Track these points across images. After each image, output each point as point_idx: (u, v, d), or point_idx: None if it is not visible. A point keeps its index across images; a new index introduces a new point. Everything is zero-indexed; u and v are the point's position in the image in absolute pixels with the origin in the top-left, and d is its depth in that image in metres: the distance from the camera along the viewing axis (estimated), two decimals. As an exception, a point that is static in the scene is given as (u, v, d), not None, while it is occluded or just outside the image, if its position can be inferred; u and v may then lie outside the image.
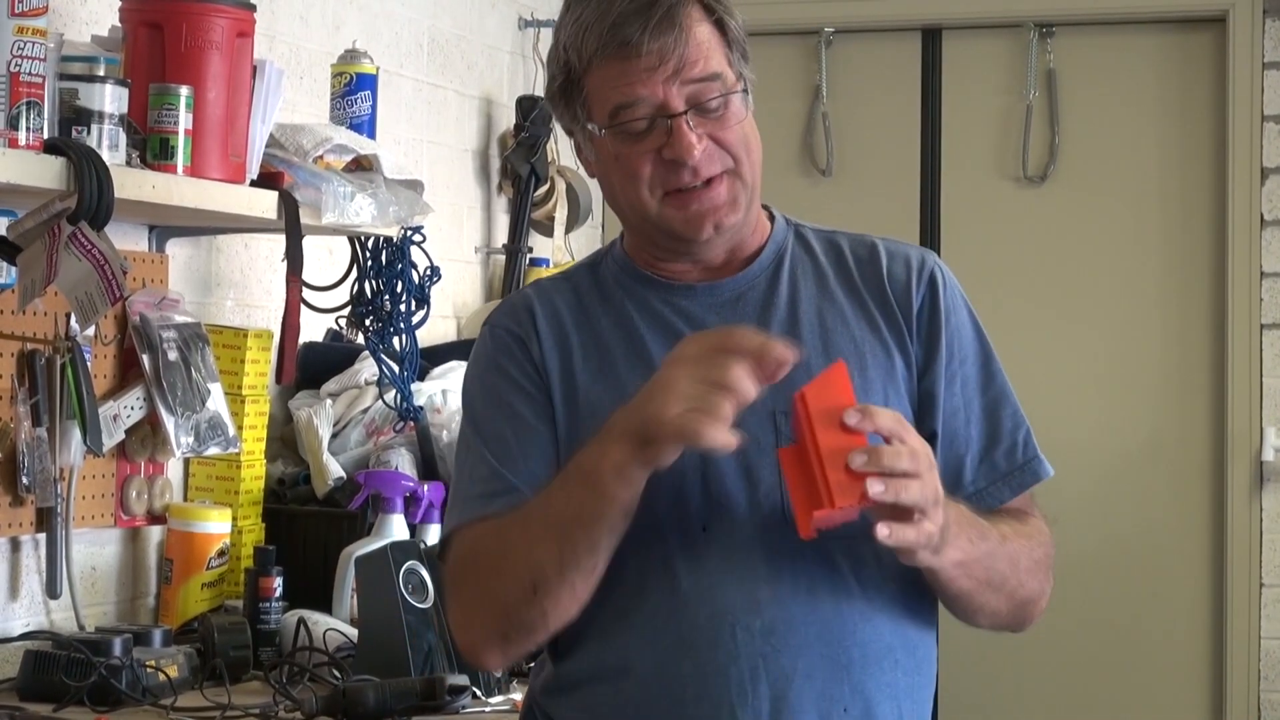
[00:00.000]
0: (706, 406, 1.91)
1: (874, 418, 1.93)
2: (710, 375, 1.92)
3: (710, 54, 2.10)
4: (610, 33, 2.08)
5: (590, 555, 2.03)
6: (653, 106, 2.09)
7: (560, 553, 2.03)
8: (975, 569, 2.08)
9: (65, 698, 2.88)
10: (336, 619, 3.40)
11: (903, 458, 1.92)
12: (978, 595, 2.13)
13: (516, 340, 2.20)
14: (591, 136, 2.14)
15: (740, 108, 2.13)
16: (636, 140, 2.10)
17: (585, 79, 2.12)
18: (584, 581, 2.05)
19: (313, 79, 3.95)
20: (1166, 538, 5.31)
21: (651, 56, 2.07)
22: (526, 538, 2.06)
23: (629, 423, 1.97)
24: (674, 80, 2.08)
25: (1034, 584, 2.18)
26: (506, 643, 2.13)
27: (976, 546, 2.06)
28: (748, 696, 2.07)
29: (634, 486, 1.99)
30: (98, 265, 2.70)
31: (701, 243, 2.15)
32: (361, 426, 3.83)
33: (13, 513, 3.10)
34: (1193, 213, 5.32)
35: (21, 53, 2.61)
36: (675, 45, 2.08)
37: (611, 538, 2.03)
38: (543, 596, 2.05)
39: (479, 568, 2.12)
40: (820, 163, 5.54)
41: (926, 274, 2.21)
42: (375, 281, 3.80)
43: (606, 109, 2.11)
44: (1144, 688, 5.32)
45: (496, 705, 3.02)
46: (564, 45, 2.13)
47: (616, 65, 2.09)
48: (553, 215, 4.88)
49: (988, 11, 5.44)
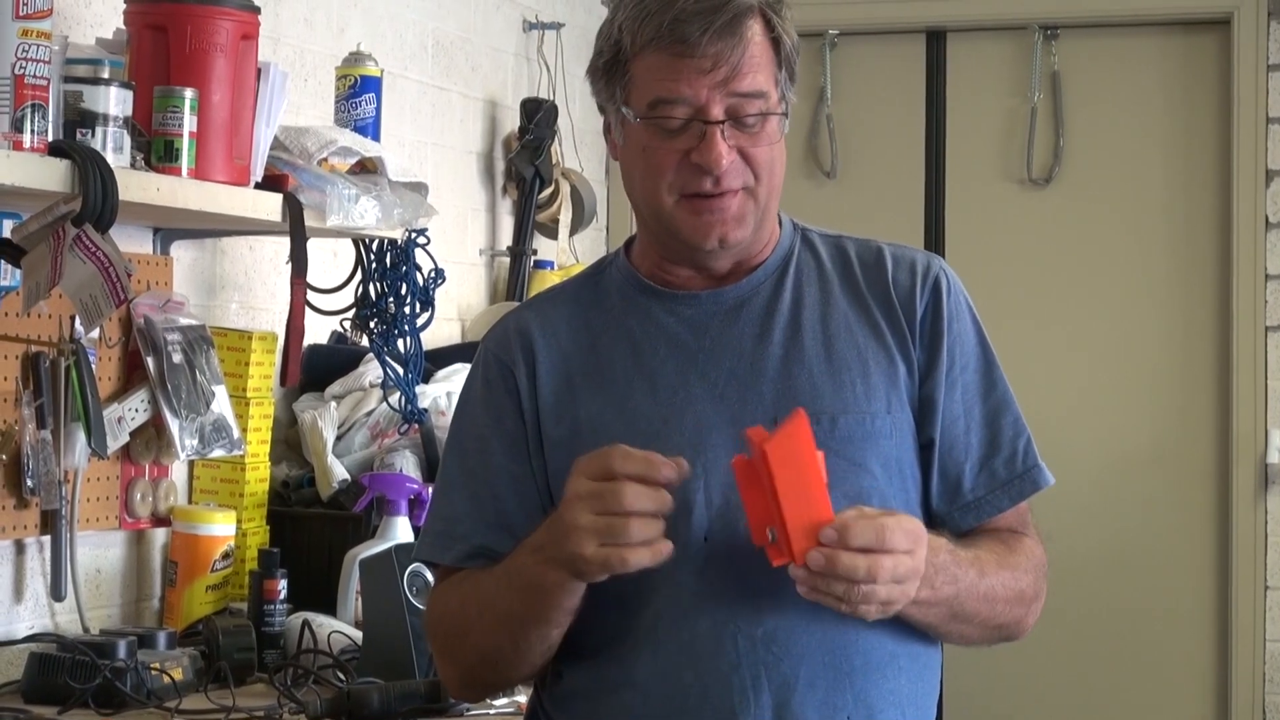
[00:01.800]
0: (617, 538, 1.94)
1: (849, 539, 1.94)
2: (607, 507, 1.95)
3: (760, 69, 2.09)
4: (671, 26, 2.06)
5: (541, 643, 2.11)
6: (693, 108, 2.08)
7: (514, 642, 2.11)
8: (936, 610, 2.08)
9: (70, 700, 2.88)
10: (341, 621, 3.39)
11: (859, 570, 1.93)
12: (942, 627, 2.14)
13: (504, 371, 2.20)
14: (624, 121, 2.14)
15: (775, 129, 2.12)
16: (668, 137, 2.10)
17: (633, 63, 2.10)
18: (542, 656, 2.14)
19: (317, 81, 3.95)
20: (1171, 541, 5.30)
21: (705, 60, 2.06)
22: (480, 623, 2.14)
23: (557, 553, 2.01)
24: (721, 88, 2.07)
25: (1012, 613, 2.17)
26: (477, 688, 2.28)
27: (940, 592, 2.06)
28: (750, 705, 2.07)
29: (577, 594, 2.05)
30: (102, 268, 2.70)
31: (705, 251, 2.14)
32: (366, 429, 3.83)
33: (17, 515, 3.10)
34: (1197, 215, 5.31)
35: (26, 55, 2.60)
36: (731, 53, 2.07)
37: (561, 628, 2.09)
38: (503, 668, 2.16)
39: (445, 631, 2.21)
40: (825, 165, 5.54)
41: (931, 279, 2.21)
42: (379, 284, 3.80)
43: (646, 99, 2.10)
44: (1149, 692, 5.31)
45: (501, 708, 3.02)
46: (619, 24, 2.11)
47: (668, 59, 2.08)
48: (557, 218, 4.88)
49: (992, 14, 5.44)
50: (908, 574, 1.96)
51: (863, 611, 1.96)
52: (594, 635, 2.12)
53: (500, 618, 2.10)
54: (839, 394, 2.13)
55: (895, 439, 2.14)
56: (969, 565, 2.09)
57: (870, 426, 2.13)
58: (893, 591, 1.96)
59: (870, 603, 1.95)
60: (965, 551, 2.10)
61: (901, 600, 1.98)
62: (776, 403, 2.01)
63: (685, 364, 2.15)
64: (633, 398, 2.13)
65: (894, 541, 1.95)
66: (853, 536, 1.93)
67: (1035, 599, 2.19)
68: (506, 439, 2.18)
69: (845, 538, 1.93)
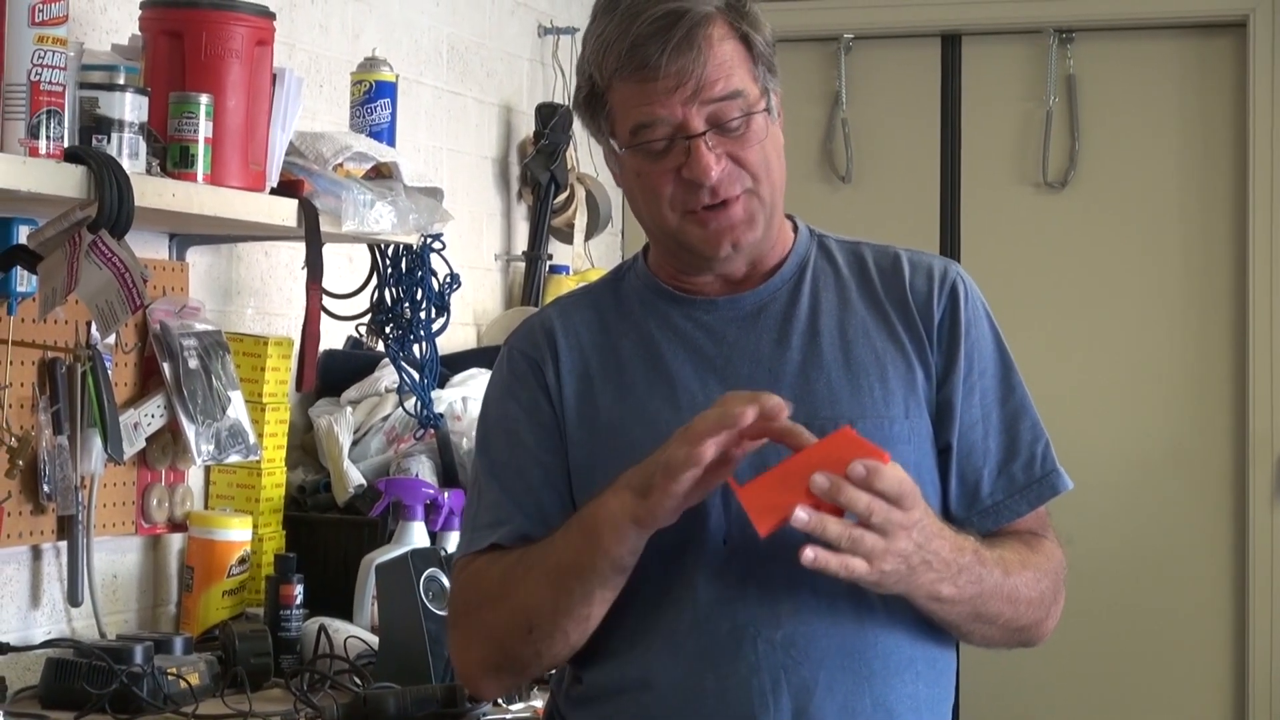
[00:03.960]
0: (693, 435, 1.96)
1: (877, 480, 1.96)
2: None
3: (732, 72, 2.09)
4: (629, 53, 2.07)
5: (584, 605, 2.07)
6: (672, 126, 2.08)
7: (555, 599, 2.07)
8: (959, 608, 2.09)
9: (86, 705, 2.88)
10: (357, 626, 3.40)
11: (865, 542, 1.95)
12: (965, 626, 2.14)
13: (532, 365, 2.21)
14: (614, 151, 2.15)
15: (762, 126, 2.12)
16: (657, 159, 2.10)
17: (608, 95, 2.12)
18: (577, 629, 2.10)
19: (332, 87, 3.95)
20: (1188, 543, 5.29)
21: (670, 79, 2.07)
22: (526, 580, 2.10)
23: (633, 476, 2.01)
24: (693, 101, 2.07)
25: (1034, 614, 2.17)
26: (500, 673, 2.19)
27: (964, 590, 2.07)
28: (770, 708, 2.07)
29: (626, 542, 2.03)
30: (118, 274, 2.70)
31: (720, 260, 2.15)
32: (382, 434, 3.83)
33: (34, 521, 3.10)
34: (1213, 218, 5.30)
35: (42, 61, 2.61)
36: (694, 66, 2.07)
37: (605, 591, 2.06)
38: (538, 638, 2.11)
39: (480, 601, 2.16)
40: (840, 169, 5.53)
41: (949, 285, 2.21)
42: (395, 289, 3.80)
43: (627, 126, 2.11)
44: (1165, 696, 5.30)
45: (517, 713, 3.02)
46: (588, 59, 2.14)
47: (636, 85, 2.08)
48: (572, 222, 4.88)
49: (1007, 17, 5.43)
50: (895, 525, 1.97)
51: (853, 567, 1.95)
52: (613, 638, 2.12)
53: (550, 571, 2.08)
54: (857, 399, 2.14)
55: (913, 444, 2.15)
56: (993, 565, 2.09)
57: (888, 431, 2.13)
58: (876, 544, 1.96)
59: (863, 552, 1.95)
60: (990, 552, 2.10)
61: (888, 559, 1.97)
62: (795, 408, 2.01)
63: (704, 369, 2.15)
64: (652, 401, 2.14)
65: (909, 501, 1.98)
66: (879, 479, 1.95)
67: (1055, 602, 2.19)
68: (540, 430, 2.18)
69: (872, 480, 1.95)
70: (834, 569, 1.95)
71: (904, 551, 1.97)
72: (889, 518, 1.95)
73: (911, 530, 1.96)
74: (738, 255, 2.15)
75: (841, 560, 1.95)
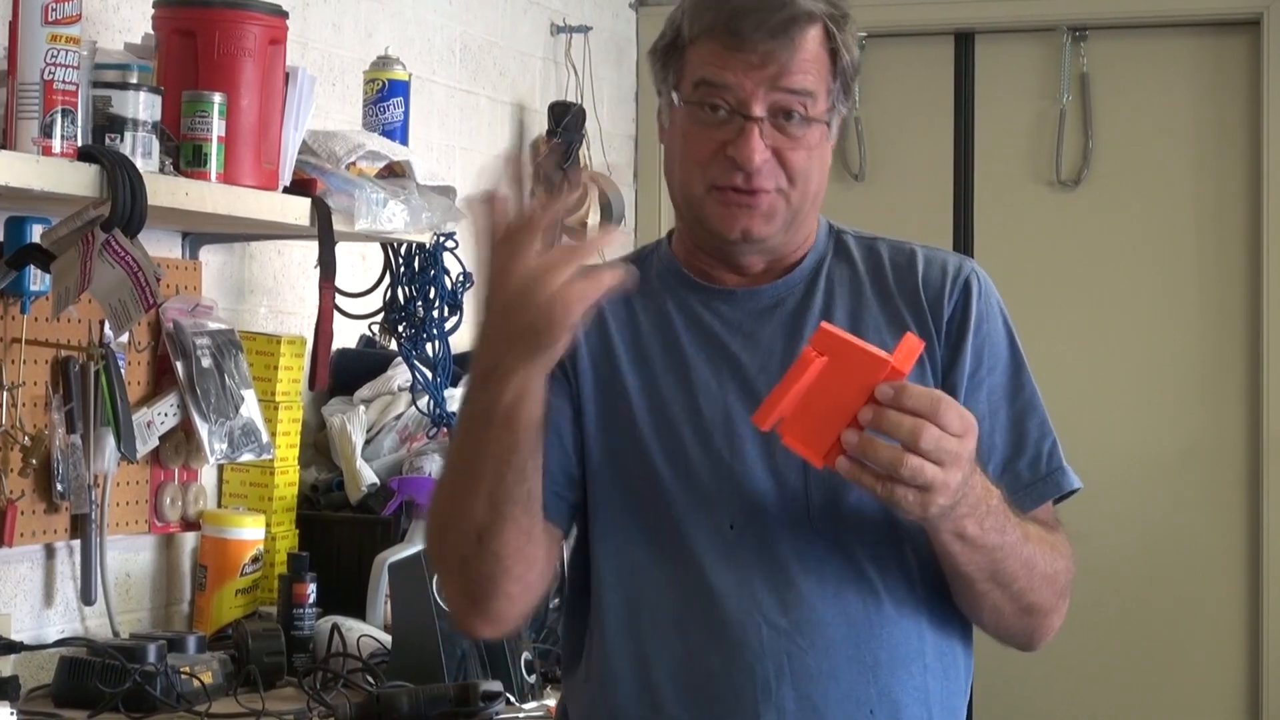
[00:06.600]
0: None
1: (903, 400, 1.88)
2: None
3: (811, 73, 2.10)
4: (728, 18, 2.08)
5: (519, 482, 2.02)
6: (736, 99, 2.08)
7: (490, 491, 2.03)
8: (978, 556, 2.03)
9: (100, 704, 2.89)
10: (370, 625, 3.40)
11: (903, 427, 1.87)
12: (980, 584, 2.08)
13: None
14: (671, 104, 2.15)
15: (817, 137, 2.13)
16: (708, 126, 2.10)
17: (689, 49, 2.13)
18: (524, 512, 2.05)
19: (345, 85, 3.96)
20: (1202, 543, 5.29)
21: (754, 55, 2.07)
22: (450, 494, 2.07)
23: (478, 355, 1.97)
24: (766, 85, 2.08)
25: (1045, 593, 2.13)
26: (476, 601, 2.11)
27: (988, 536, 2.01)
28: (772, 694, 2.07)
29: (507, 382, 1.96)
30: (131, 272, 2.71)
31: (729, 242, 2.15)
32: (395, 433, 3.83)
33: (47, 519, 3.11)
34: (1227, 216, 5.29)
35: (55, 60, 2.61)
36: (781, 52, 2.08)
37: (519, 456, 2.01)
38: (489, 540, 2.05)
39: (433, 536, 2.15)
40: (853, 167, 5.53)
41: (962, 280, 2.21)
42: (408, 288, 3.80)
43: (693, 79, 2.11)
44: (1179, 695, 5.30)
45: (530, 711, 3.02)
46: (684, 9, 2.14)
47: (720, 49, 2.09)
48: (585, 220, 4.88)
49: (1020, 15, 5.43)
50: (952, 456, 1.89)
51: (899, 496, 1.89)
52: (619, 621, 2.12)
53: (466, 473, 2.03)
54: (867, 392, 2.13)
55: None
56: (1016, 526, 2.07)
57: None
58: (935, 475, 1.88)
59: (909, 481, 1.88)
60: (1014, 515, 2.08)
61: (941, 490, 1.89)
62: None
63: (717, 358, 2.16)
64: (666, 386, 2.14)
65: (947, 418, 1.89)
66: (907, 397, 1.88)
67: (1062, 596, 2.17)
68: (557, 399, 2.14)
69: (900, 398, 1.88)
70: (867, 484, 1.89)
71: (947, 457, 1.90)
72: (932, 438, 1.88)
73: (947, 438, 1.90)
74: (748, 246, 2.15)
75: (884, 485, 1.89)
